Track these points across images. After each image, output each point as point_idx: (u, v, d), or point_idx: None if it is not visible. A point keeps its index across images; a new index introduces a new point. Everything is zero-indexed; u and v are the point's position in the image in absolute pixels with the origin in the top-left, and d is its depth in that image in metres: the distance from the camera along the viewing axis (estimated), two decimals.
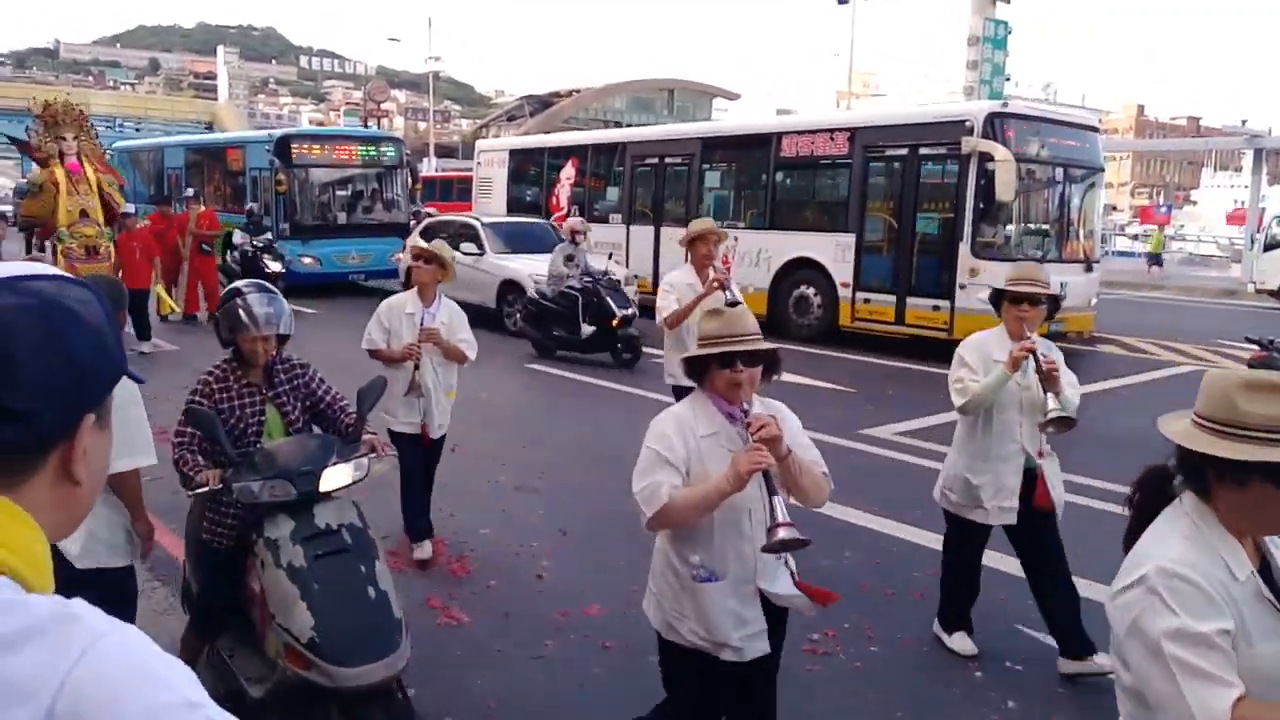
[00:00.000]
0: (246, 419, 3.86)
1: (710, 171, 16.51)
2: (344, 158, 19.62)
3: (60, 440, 1.02)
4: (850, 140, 13.79)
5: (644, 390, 10.63)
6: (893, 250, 13.36)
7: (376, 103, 66.86)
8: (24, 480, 1.00)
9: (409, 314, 5.59)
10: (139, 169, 25.97)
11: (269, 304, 3.87)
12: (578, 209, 18.32)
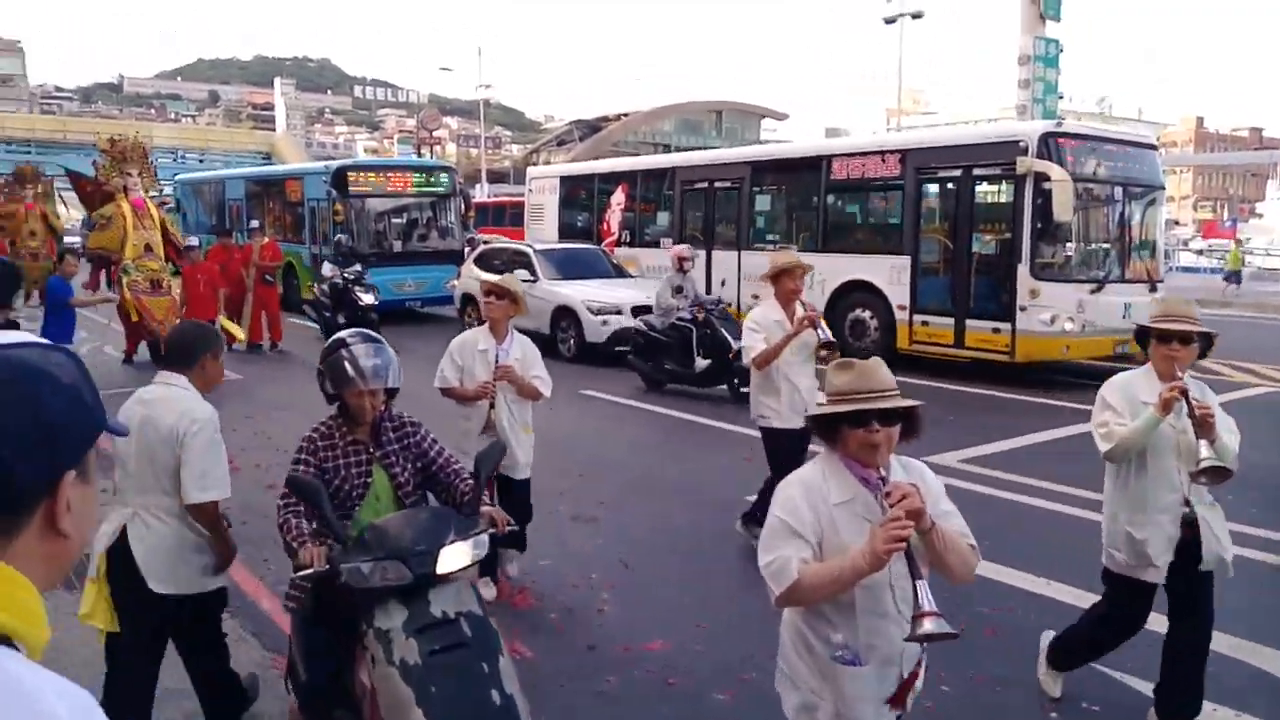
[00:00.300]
0: (351, 480, 3.58)
1: (760, 195, 16.48)
2: (399, 187, 19.89)
3: (43, 496, 1.06)
4: (902, 162, 13.69)
5: (703, 417, 10.59)
6: (949, 272, 13.21)
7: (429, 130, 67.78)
8: (12, 537, 1.05)
9: (482, 350, 5.43)
10: (201, 200, 26.56)
11: (376, 355, 3.58)
12: (628, 234, 18.40)
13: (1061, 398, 11.61)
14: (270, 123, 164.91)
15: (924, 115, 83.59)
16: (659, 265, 17.43)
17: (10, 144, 66.56)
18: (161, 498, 3.71)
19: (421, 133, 70.34)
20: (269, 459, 8.74)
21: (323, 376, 3.64)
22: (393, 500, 3.64)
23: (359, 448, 3.63)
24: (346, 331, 3.70)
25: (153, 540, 3.68)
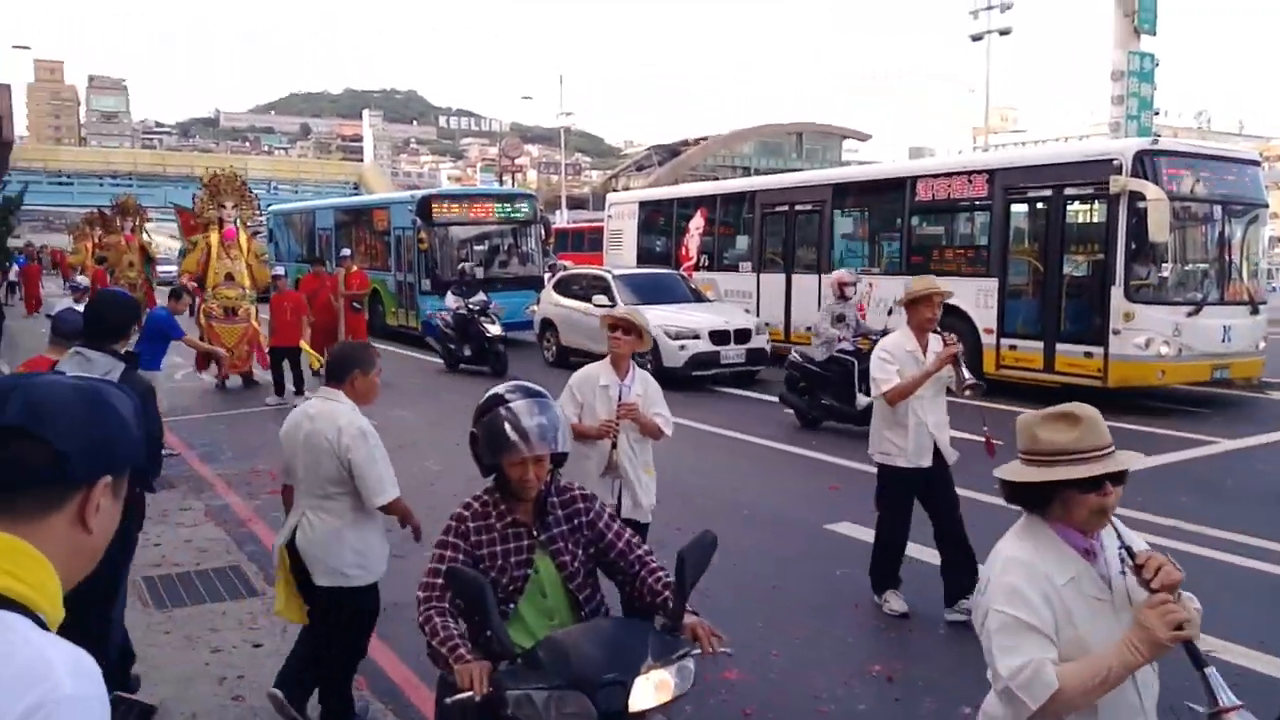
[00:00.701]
0: (510, 570, 2.92)
1: (842, 217, 16.32)
2: (481, 215, 20.21)
3: (82, 488, 1.29)
4: (990, 182, 13.42)
5: (780, 443, 10.47)
6: (1039, 295, 12.88)
7: (511, 158, 68.92)
8: (46, 518, 1.26)
9: (603, 386, 5.04)
10: (292, 230, 27.34)
11: (541, 412, 2.90)
12: (706, 259, 18.38)
13: (1157, 425, 11.20)
14: (359, 153, 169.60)
15: (1012, 133, 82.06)
16: (738, 289, 17.39)
17: (115, 177, 69.50)
18: (324, 501, 4.20)
19: (503, 161, 71.56)
20: None
21: (477, 441, 2.98)
22: (561, 594, 2.97)
23: (519, 531, 2.96)
24: (503, 386, 3.05)
25: (313, 536, 4.19)
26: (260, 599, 6.01)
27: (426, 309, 18.94)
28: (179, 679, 4.89)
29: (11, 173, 32.98)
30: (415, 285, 19.35)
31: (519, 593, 2.93)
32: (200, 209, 15.22)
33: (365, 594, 4.33)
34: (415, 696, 4.73)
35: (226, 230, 14.81)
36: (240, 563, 6.69)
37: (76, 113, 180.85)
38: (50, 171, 68.16)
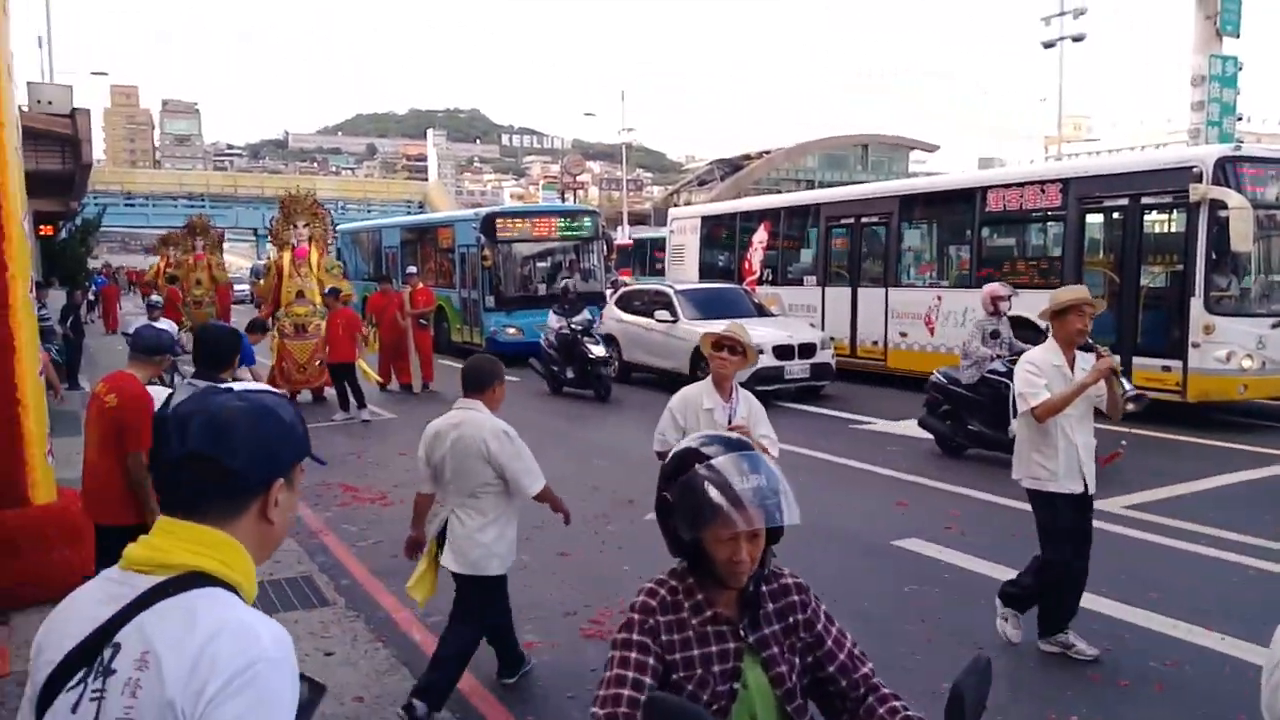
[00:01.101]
0: (713, 684, 2.17)
1: (910, 230, 16.12)
2: (544, 232, 20.35)
3: (260, 493, 1.55)
4: (1064, 192, 13.14)
5: (842, 458, 10.33)
6: (1115, 307, 12.54)
7: (573, 175, 69.43)
8: (238, 518, 1.54)
9: (708, 410, 4.75)
10: (359, 249, 27.80)
11: (753, 469, 2.18)
12: (770, 273, 18.28)
13: (1238, 440, 10.84)
14: (423, 173, 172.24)
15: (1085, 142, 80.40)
16: (802, 303, 17.25)
17: (189, 198, 71.41)
18: (471, 500, 4.70)
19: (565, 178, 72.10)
20: None
21: (668, 509, 2.26)
22: (775, 715, 2.23)
23: (723, 630, 2.22)
24: (695, 438, 2.36)
25: (461, 532, 4.70)
26: (331, 609, 6.08)
27: (490, 325, 19.12)
28: None
29: (89, 195, 34.05)
30: (480, 302, 19.53)
31: (724, 714, 2.18)
32: (277, 230, 15.58)
33: (500, 581, 4.87)
34: (482, 706, 4.74)
35: (298, 249, 15.12)
36: (312, 573, 6.77)
37: (151, 136, 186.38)
38: (126, 194, 70.29)
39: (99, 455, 5.03)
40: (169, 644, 1.38)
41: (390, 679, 5.01)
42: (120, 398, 5.00)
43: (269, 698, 1.38)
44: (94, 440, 5.07)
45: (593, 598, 6.22)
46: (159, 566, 1.48)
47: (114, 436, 4.96)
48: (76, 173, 16.90)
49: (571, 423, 12.88)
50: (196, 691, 1.35)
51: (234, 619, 1.42)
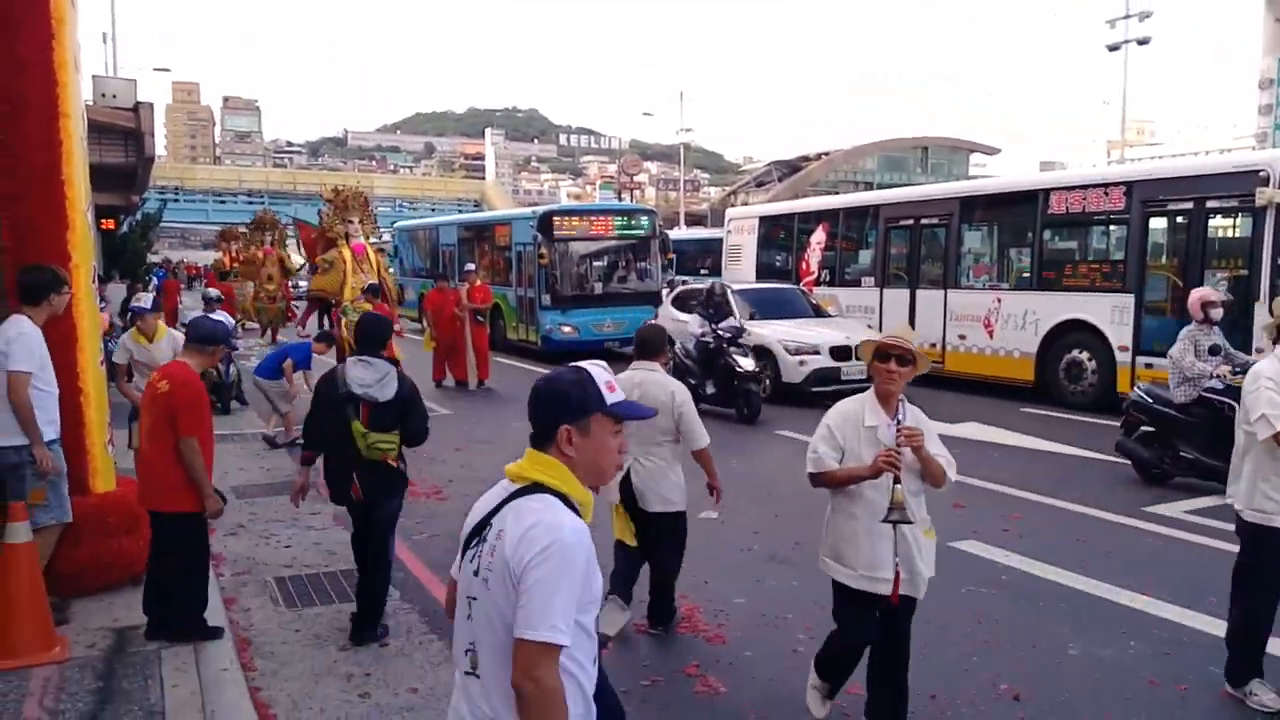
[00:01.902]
0: None
1: (970, 231, 15.91)
2: (601, 230, 20.41)
3: (555, 432, 2.31)
4: (1127, 195, 12.90)
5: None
6: (1177, 311, 12.28)
7: (630, 175, 69.74)
8: (551, 449, 2.32)
9: (869, 427, 4.04)
10: (416, 246, 28.12)
11: None
12: (828, 274, 18.15)
13: None
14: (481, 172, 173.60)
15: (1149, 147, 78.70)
16: (859, 305, 17.11)
17: (248, 195, 72.81)
18: (653, 446, 5.44)
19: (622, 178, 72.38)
20: (476, 491, 9.02)
21: None
22: None
23: None
24: None
25: (643, 474, 5.43)
26: (387, 601, 6.14)
27: (546, 324, 19.23)
28: (308, 675, 5.04)
29: (151, 190, 34.81)
30: (535, 300, 19.65)
31: None
32: (328, 224, 15.71)
33: (682, 517, 5.55)
34: None
35: (355, 245, 15.25)
36: None
37: (211, 132, 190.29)
38: (187, 189, 71.86)
39: (150, 442, 5.15)
40: (511, 527, 2.19)
41: (444, 670, 5.06)
42: (172, 384, 5.13)
43: (563, 567, 2.11)
44: (146, 427, 5.19)
45: (644, 594, 6.20)
46: (520, 478, 2.32)
47: (166, 422, 5.07)
48: (139, 166, 17.26)
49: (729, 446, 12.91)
50: (520, 559, 2.13)
51: (549, 514, 2.19)
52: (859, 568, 4.03)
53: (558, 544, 2.12)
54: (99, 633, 5.33)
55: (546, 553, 2.11)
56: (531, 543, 2.13)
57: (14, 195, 5.51)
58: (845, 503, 4.06)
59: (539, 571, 2.09)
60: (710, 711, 4.66)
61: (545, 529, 2.14)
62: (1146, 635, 5.49)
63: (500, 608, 2.16)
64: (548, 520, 2.17)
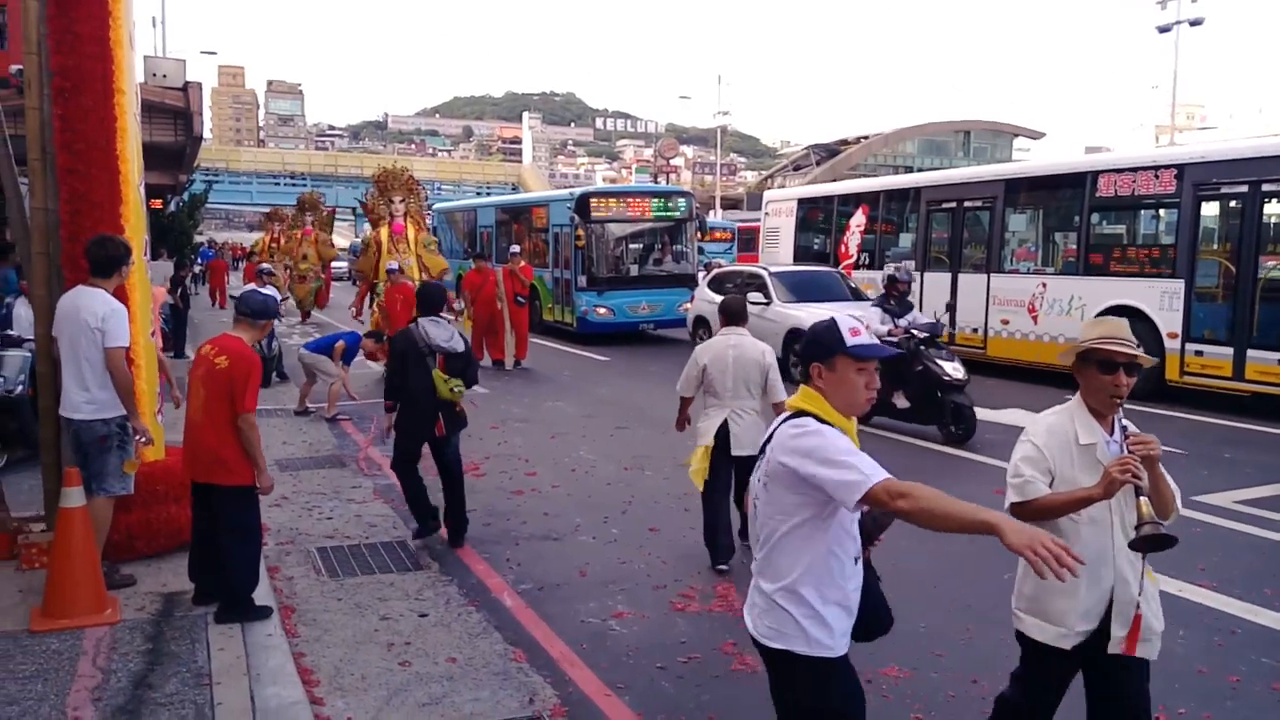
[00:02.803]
0: None
1: (1015, 214, 15.68)
2: (638, 212, 20.35)
3: (808, 370, 2.84)
4: (1179, 177, 12.63)
5: (942, 445, 10.13)
6: (1230, 298, 12.05)
7: (666, 159, 69.51)
8: (810, 383, 2.84)
9: (1085, 445, 3.25)
10: (454, 228, 28.22)
11: None
12: (867, 257, 18.00)
13: None
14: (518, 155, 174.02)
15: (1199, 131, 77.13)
16: None
17: (291, 177, 73.45)
18: (747, 400, 6.33)
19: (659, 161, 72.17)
20: (512, 467, 9.10)
21: None
22: None
23: None
24: None
25: (741, 424, 6.28)
26: (425, 573, 6.20)
27: (582, 305, 19.24)
28: (349, 643, 5.08)
29: (197, 171, 35.15)
30: (572, 282, 19.65)
31: None
32: (372, 205, 15.84)
33: None
34: (572, 673, 4.77)
35: (395, 225, 15.36)
36: (406, 538, 6.92)
37: (255, 116, 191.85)
38: (231, 171, 72.62)
39: (207, 416, 5.14)
40: (778, 438, 2.78)
41: (483, 641, 5.09)
42: (230, 359, 5.12)
43: (816, 441, 2.67)
44: (201, 401, 5.18)
45: (681, 572, 6.23)
46: (791, 407, 2.86)
47: (224, 397, 5.09)
48: (187, 145, 17.46)
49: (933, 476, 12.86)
50: (778, 458, 2.74)
51: (798, 426, 2.74)
52: (1074, 625, 3.23)
53: (813, 433, 2.69)
54: (148, 597, 5.42)
55: (804, 438, 2.69)
56: (785, 444, 2.73)
57: (71, 169, 5.60)
58: (1070, 530, 3.20)
59: (802, 448, 2.68)
60: (748, 688, 4.63)
61: (793, 433, 2.73)
62: (1196, 625, 5.40)
63: (776, 503, 2.77)
64: (802, 429, 2.73)
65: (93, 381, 5.32)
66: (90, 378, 5.31)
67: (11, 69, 12.24)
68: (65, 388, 5.39)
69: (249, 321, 5.41)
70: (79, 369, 5.32)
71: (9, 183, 5.96)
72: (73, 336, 5.31)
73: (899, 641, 5.15)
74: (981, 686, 4.61)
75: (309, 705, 4.28)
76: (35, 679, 4.41)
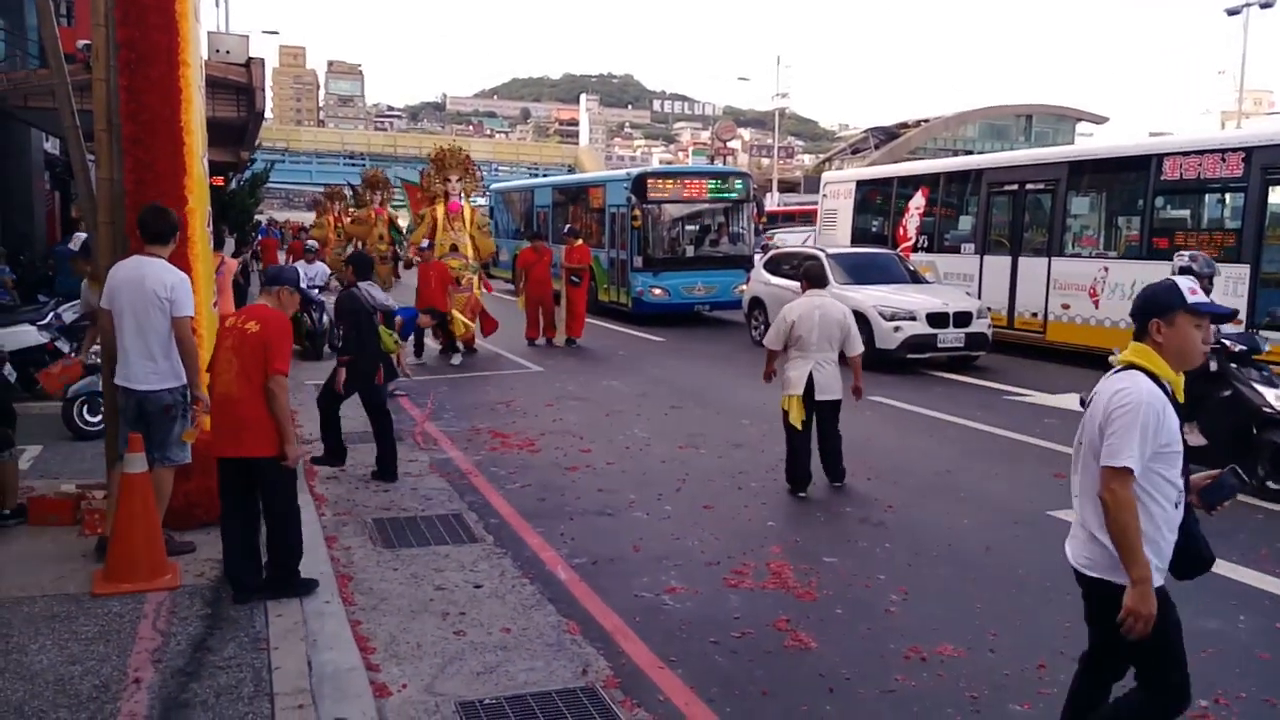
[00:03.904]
0: None
1: (1077, 197, 15.36)
2: (695, 193, 20.26)
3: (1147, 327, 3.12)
4: (1246, 161, 12.29)
5: (1001, 429, 10.01)
6: None
7: (723, 141, 68.94)
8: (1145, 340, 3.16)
9: None
10: (510, 208, 28.36)
11: None
12: (925, 239, 17.76)
13: None
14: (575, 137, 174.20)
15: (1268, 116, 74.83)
16: (958, 272, 16.72)
17: (350, 157, 74.33)
18: (829, 353, 7.52)
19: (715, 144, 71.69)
20: (567, 444, 9.16)
21: None
22: None
23: None
24: None
25: (823, 374, 7.49)
26: (480, 545, 6.28)
27: (637, 285, 19.23)
28: (405, 611, 5.17)
29: (258, 150, 35.60)
30: (628, 262, 19.65)
31: None
32: (427, 183, 15.97)
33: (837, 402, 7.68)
34: (626, 645, 4.81)
35: (451, 203, 15.47)
36: (462, 511, 7.00)
37: (316, 96, 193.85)
38: (292, 151, 73.62)
39: (247, 385, 5.02)
40: (1103, 391, 3.12)
41: (537, 613, 5.15)
42: (261, 322, 5.11)
43: (1134, 417, 2.95)
44: (236, 372, 5.04)
45: (734, 549, 6.24)
46: (1120, 363, 3.16)
47: (259, 363, 5.01)
48: (249, 121, 17.64)
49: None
50: (1106, 411, 3.03)
51: (1131, 383, 3.04)
52: None
53: (1134, 402, 2.97)
54: (207, 563, 5.55)
55: (1124, 407, 2.98)
56: (1114, 400, 3.02)
57: (136, 139, 5.70)
58: None
59: (1117, 420, 2.98)
60: (801, 665, 4.64)
61: (1126, 392, 3.00)
62: (1258, 610, 5.30)
63: (1094, 448, 3.09)
64: (1129, 386, 3.02)
65: (159, 351, 5.37)
66: (157, 348, 5.37)
67: (79, 44, 12.55)
68: (127, 358, 5.39)
69: (264, 289, 5.51)
70: (145, 339, 5.35)
71: (76, 155, 6.10)
72: (138, 306, 5.33)
73: (954, 620, 5.14)
74: (1038, 667, 4.57)
75: (364, 671, 4.36)
76: (98, 640, 4.55)
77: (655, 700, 4.25)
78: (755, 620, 5.13)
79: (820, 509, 7.26)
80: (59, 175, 22.02)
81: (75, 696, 3.99)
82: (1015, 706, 4.22)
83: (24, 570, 5.40)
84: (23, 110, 15.10)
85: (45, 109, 13.81)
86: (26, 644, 4.48)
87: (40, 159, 19.29)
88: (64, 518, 6.13)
